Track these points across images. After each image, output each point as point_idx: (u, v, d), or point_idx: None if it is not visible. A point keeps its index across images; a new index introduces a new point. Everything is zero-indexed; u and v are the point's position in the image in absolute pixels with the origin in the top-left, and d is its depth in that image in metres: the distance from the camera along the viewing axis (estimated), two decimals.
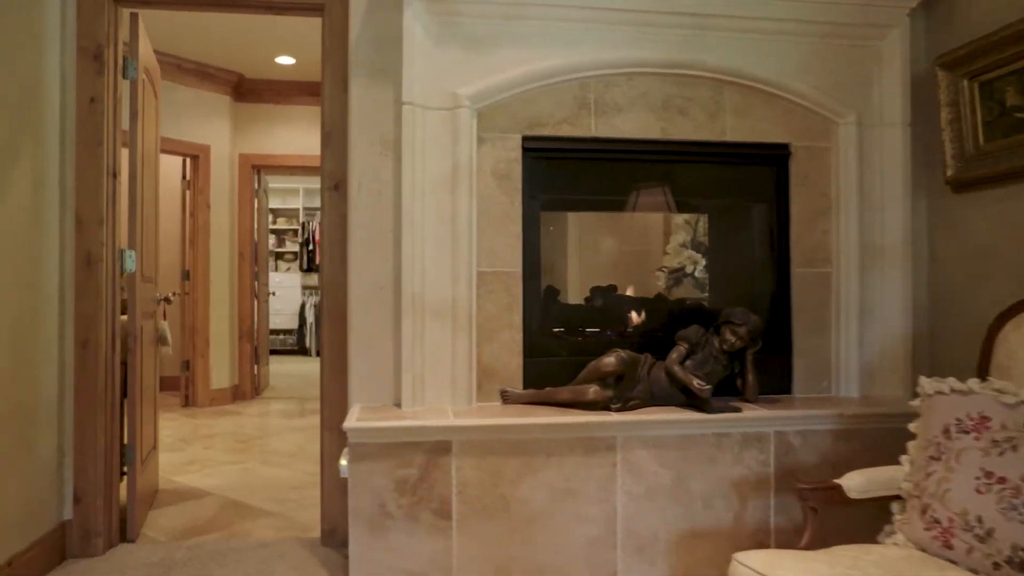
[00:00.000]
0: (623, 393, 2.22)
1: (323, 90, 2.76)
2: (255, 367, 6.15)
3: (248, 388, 6.00)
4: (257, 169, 6.14)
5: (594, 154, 2.44)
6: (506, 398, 2.31)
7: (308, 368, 8.22)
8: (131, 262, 2.84)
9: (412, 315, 2.21)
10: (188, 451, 4.25)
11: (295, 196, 9.59)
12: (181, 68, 5.38)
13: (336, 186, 2.74)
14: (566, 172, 2.51)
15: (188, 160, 5.64)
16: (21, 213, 2.37)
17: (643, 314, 2.71)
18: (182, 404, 5.67)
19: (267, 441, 4.53)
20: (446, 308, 2.25)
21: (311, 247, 9.42)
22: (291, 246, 9.71)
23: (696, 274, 3.04)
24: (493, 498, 2.05)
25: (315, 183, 9.47)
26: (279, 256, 9.60)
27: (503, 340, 2.33)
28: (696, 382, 2.17)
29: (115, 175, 2.75)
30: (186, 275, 5.66)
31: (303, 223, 9.53)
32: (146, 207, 3.04)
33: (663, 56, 2.40)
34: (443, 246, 2.26)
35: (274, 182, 9.18)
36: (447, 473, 2.03)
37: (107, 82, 2.70)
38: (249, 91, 5.91)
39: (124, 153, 2.87)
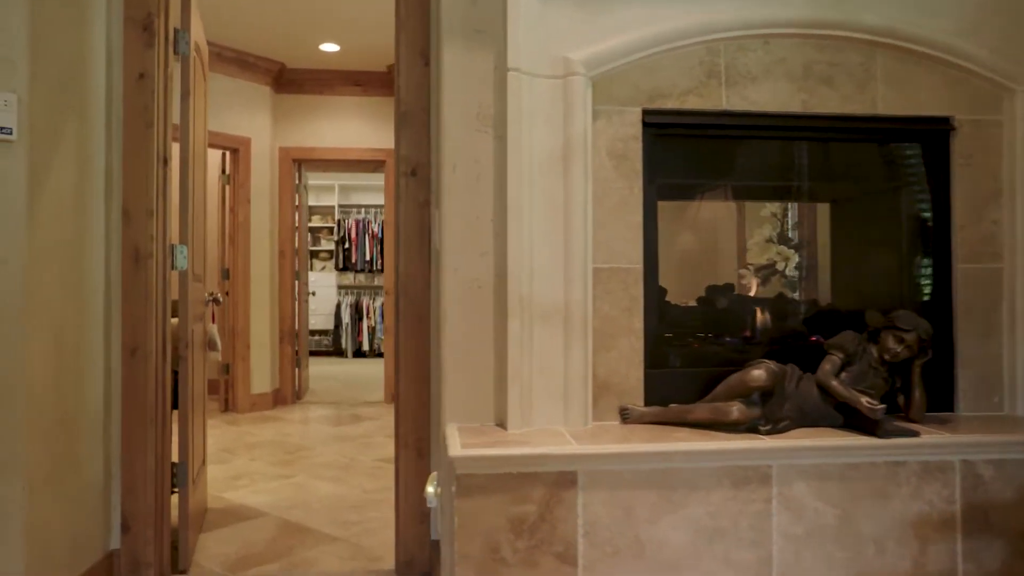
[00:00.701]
0: (772, 412, 1.86)
1: (398, 64, 2.43)
2: (296, 370, 5.86)
3: (289, 392, 5.72)
4: (298, 163, 5.86)
5: (725, 131, 2.08)
6: (627, 417, 1.96)
7: (345, 370, 7.95)
8: (183, 259, 2.54)
9: (520, 319, 1.87)
10: (233, 463, 3.96)
11: (330, 193, 9.31)
12: (221, 57, 5.10)
13: (413, 171, 2.42)
14: (687, 152, 2.16)
15: (228, 153, 5.36)
16: (65, 203, 2.07)
17: (767, 317, 2.35)
18: (221, 409, 5.41)
19: (315, 451, 4.23)
20: (558, 311, 1.91)
21: (347, 245, 9.13)
22: (326, 244, 9.44)
23: (787, 272, 2.70)
24: (626, 540, 1.70)
25: (352, 179, 9.20)
26: (314, 255, 9.34)
27: (621, 348, 1.98)
28: (865, 400, 1.80)
29: (166, 161, 2.45)
30: (225, 274, 5.39)
31: (339, 220, 9.25)
32: (195, 199, 2.73)
33: (805, 14, 2.04)
34: (553, 238, 1.92)
35: (309, 178, 8.92)
36: (572, 510, 1.69)
37: (157, 56, 2.39)
38: (290, 81, 5.62)
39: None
